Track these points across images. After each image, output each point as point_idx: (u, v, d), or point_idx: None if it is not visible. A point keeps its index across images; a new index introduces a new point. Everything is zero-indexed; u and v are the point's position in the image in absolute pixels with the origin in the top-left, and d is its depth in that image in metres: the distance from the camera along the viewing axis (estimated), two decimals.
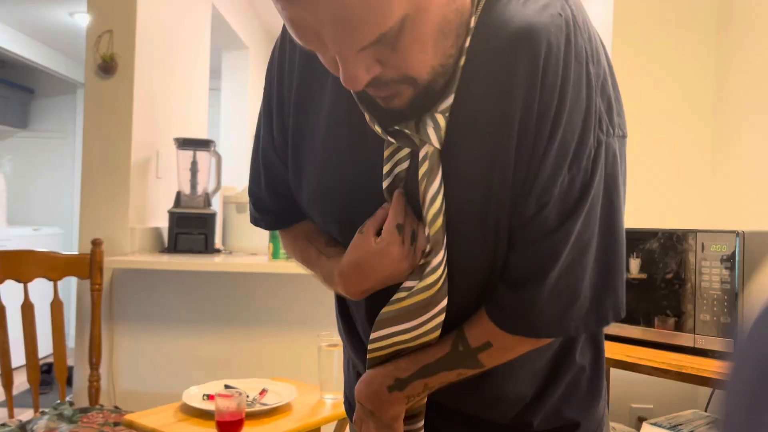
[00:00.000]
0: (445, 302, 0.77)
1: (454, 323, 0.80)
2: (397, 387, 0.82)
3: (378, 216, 0.78)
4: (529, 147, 0.71)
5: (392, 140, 0.74)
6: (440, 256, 0.75)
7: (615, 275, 0.78)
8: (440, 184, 0.73)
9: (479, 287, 0.79)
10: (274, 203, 0.92)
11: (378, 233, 0.77)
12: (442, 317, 0.78)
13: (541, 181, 0.71)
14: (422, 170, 0.73)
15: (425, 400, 0.86)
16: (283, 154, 0.87)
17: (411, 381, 0.81)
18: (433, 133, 0.72)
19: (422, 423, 0.87)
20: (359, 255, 0.78)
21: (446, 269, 0.76)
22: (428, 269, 0.76)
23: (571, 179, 0.72)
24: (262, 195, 0.93)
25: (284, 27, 0.79)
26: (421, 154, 0.73)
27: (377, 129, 0.74)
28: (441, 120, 0.72)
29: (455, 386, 0.84)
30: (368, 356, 0.83)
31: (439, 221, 0.74)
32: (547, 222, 0.73)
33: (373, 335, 0.81)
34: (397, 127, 0.73)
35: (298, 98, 0.83)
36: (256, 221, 0.97)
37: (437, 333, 0.80)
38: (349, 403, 1.03)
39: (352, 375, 1.00)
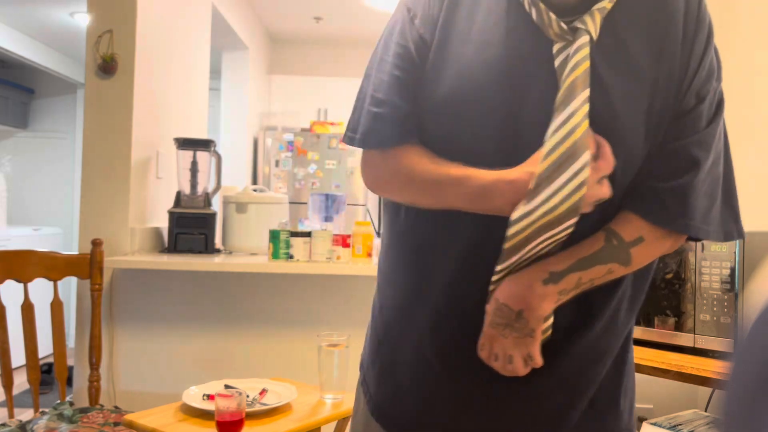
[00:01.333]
0: (587, 156, 0.77)
1: (588, 229, 0.83)
2: (552, 280, 0.82)
3: None
4: (688, 49, 0.84)
5: (564, 28, 0.81)
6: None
7: (733, 196, 0.89)
8: (587, 76, 0.79)
9: (625, 186, 0.84)
10: (402, 108, 0.88)
11: None
12: (584, 174, 0.78)
13: (701, 77, 0.84)
14: (576, 58, 0.79)
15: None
16: (422, 52, 0.88)
17: (566, 274, 0.82)
18: (591, 24, 0.81)
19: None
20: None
21: (587, 122, 0.78)
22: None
23: (715, 90, 0.86)
24: (392, 100, 0.88)
25: None
26: (575, 45, 0.80)
27: (552, 17, 0.81)
28: (597, 16, 0.81)
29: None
30: (507, 245, 0.80)
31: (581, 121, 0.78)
32: (700, 118, 0.84)
33: (515, 214, 0.79)
34: (571, 21, 0.81)
35: (452, 12, 0.88)
36: (373, 135, 0.89)
37: (580, 194, 0.78)
38: (366, 385, 1.02)
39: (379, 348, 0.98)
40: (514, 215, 0.79)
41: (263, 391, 1.80)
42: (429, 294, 0.90)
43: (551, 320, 0.85)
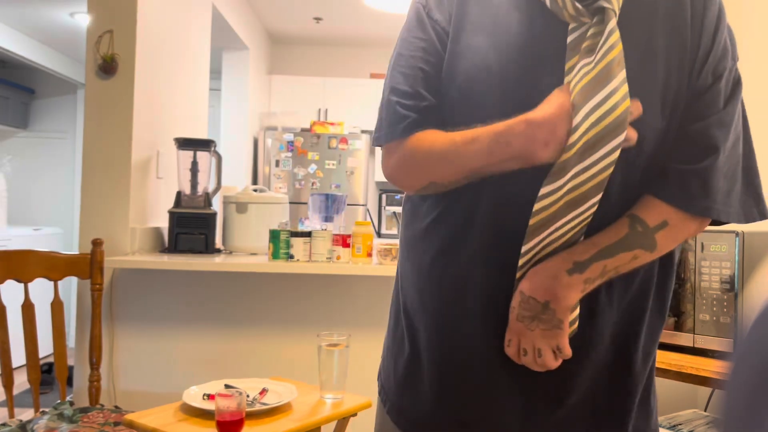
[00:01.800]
0: (623, 137, 0.78)
1: (609, 216, 0.83)
2: (577, 269, 0.81)
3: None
4: (698, 26, 0.84)
5: (580, 9, 0.81)
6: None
7: (754, 177, 0.88)
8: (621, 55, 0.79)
9: (642, 173, 0.84)
10: (426, 99, 0.90)
11: None
12: (615, 155, 0.78)
13: (716, 55, 0.84)
14: (611, 41, 0.79)
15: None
16: (444, 43, 0.90)
17: (591, 263, 0.81)
18: (615, 2, 0.81)
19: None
20: (562, 99, 0.79)
21: (629, 100, 0.78)
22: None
23: (732, 68, 0.86)
24: (416, 92, 0.90)
25: None
26: (608, 27, 0.80)
27: (568, 2, 0.81)
28: None
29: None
30: (533, 220, 0.81)
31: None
32: (719, 97, 0.85)
33: (543, 189, 0.80)
34: (591, 3, 0.81)
35: None
36: (397, 125, 0.90)
37: (608, 173, 0.79)
38: (385, 393, 1.01)
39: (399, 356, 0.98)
40: (543, 190, 0.79)
41: (263, 391, 1.80)
42: (464, 294, 0.89)
43: (577, 311, 0.84)
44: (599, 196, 0.79)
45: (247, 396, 1.70)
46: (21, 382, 3.54)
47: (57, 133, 5.84)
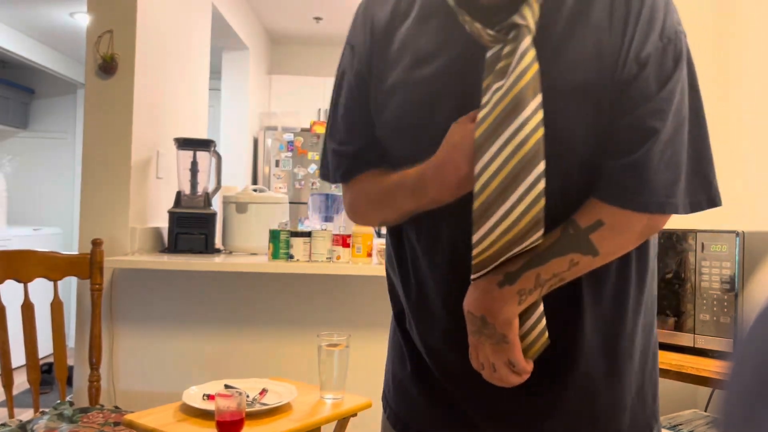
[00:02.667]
0: (542, 166, 0.74)
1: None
2: (508, 281, 0.78)
3: (473, 113, 0.79)
4: (621, 16, 0.78)
5: (492, 34, 0.78)
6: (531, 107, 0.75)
7: (705, 163, 0.82)
8: (533, 67, 0.75)
9: (581, 171, 0.80)
10: (354, 143, 0.92)
11: (473, 120, 0.78)
12: (540, 186, 0.74)
13: (638, 41, 0.77)
14: (524, 62, 0.75)
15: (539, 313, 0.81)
16: (364, 86, 0.90)
17: (521, 272, 0.78)
18: (530, 18, 0.77)
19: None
20: (457, 137, 0.78)
21: (542, 129, 0.74)
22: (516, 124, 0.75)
23: (664, 48, 0.79)
24: (344, 138, 0.92)
25: None
26: (521, 47, 0.75)
27: (478, 26, 0.78)
28: (535, 5, 0.77)
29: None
30: (474, 261, 0.78)
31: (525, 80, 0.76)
32: (648, 84, 0.78)
33: (475, 236, 0.77)
34: (507, 18, 0.77)
35: (388, 23, 0.89)
36: (336, 171, 0.94)
37: (539, 207, 0.75)
38: (386, 400, 1.02)
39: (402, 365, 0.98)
40: (475, 237, 0.76)
41: (263, 391, 1.80)
42: (434, 310, 0.90)
43: (542, 324, 0.81)
44: (541, 232, 0.76)
45: (247, 396, 1.70)
46: (21, 382, 3.54)
47: (57, 133, 5.84)
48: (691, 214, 0.85)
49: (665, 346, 1.84)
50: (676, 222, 2.42)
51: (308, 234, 2.33)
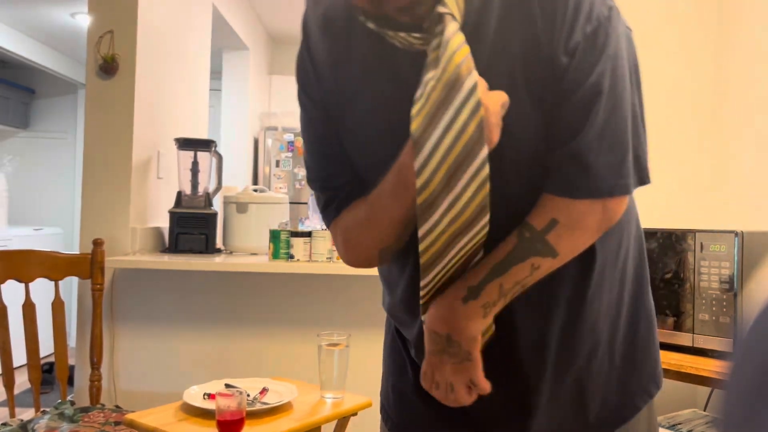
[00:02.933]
0: (485, 151, 0.72)
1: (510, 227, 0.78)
2: (472, 296, 0.77)
3: None
4: (549, 6, 0.76)
5: (419, 37, 0.75)
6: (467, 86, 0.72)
7: (636, 144, 0.79)
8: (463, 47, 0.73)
9: (528, 172, 0.78)
10: (339, 178, 0.89)
11: None
12: (485, 172, 0.72)
13: (567, 30, 0.75)
14: (452, 46, 0.72)
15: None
16: (333, 128, 0.88)
17: (484, 285, 0.77)
18: (453, 4, 0.74)
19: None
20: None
21: (481, 110, 0.72)
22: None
23: (593, 32, 0.76)
24: (327, 175, 0.90)
25: (302, 28, 0.88)
26: (447, 33, 0.73)
27: (401, 35, 0.75)
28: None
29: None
30: (422, 260, 0.76)
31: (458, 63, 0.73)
32: (580, 69, 0.76)
33: (421, 230, 0.75)
34: (421, 31, 0.75)
35: (332, 66, 0.86)
36: (327, 211, 0.91)
37: (484, 192, 0.73)
38: (386, 411, 1.02)
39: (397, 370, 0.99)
40: (421, 231, 0.74)
41: (264, 391, 1.80)
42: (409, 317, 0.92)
43: (492, 329, 0.80)
44: (487, 218, 0.74)
45: (248, 395, 1.71)
46: (22, 381, 3.54)
47: (57, 133, 5.84)
48: (689, 215, 0.84)
49: (665, 346, 1.84)
50: (675, 222, 2.43)
51: (308, 234, 2.33)
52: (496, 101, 0.73)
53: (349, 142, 0.87)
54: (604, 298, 0.87)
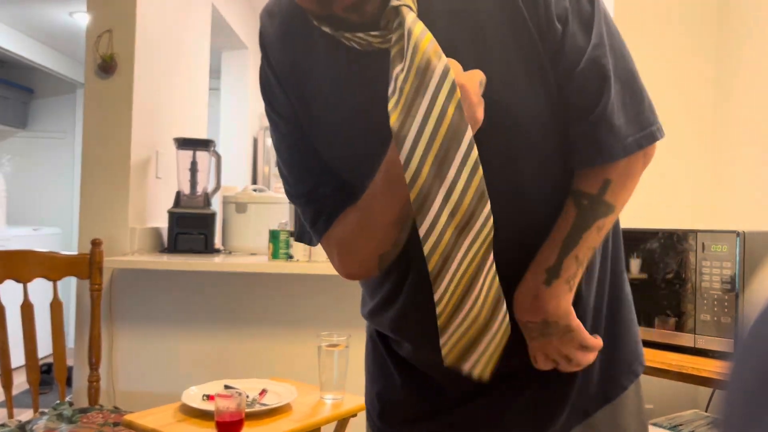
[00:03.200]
0: (470, 133, 0.70)
1: (530, 211, 0.79)
2: (553, 275, 0.78)
3: None
4: None
5: (377, 34, 0.73)
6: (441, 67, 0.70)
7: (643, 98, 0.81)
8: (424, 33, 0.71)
9: (542, 156, 0.78)
10: (325, 187, 0.86)
11: None
12: (474, 154, 0.70)
13: (551, 5, 0.75)
14: (415, 34, 0.70)
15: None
16: (308, 140, 0.86)
17: (561, 261, 0.78)
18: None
19: None
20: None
21: (458, 92, 0.70)
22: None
23: (576, 3, 0.77)
24: (311, 187, 0.87)
25: (260, 44, 0.87)
26: (407, 23, 0.71)
27: (360, 36, 0.74)
28: None
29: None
30: (430, 266, 0.72)
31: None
32: (576, 37, 0.76)
33: (421, 230, 0.72)
34: (378, 31, 0.73)
35: (297, 79, 0.84)
36: (317, 226, 0.87)
37: (479, 176, 0.70)
38: (371, 418, 1.01)
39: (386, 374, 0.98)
40: (421, 230, 0.70)
41: (263, 392, 1.79)
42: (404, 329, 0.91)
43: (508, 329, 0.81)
44: (488, 208, 0.71)
45: (247, 396, 1.70)
46: (20, 382, 3.54)
47: (56, 133, 5.84)
48: (690, 215, 0.85)
49: (666, 347, 1.84)
50: (676, 222, 2.42)
51: None
52: (473, 79, 0.71)
53: (328, 152, 0.85)
54: (592, 288, 0.89)
